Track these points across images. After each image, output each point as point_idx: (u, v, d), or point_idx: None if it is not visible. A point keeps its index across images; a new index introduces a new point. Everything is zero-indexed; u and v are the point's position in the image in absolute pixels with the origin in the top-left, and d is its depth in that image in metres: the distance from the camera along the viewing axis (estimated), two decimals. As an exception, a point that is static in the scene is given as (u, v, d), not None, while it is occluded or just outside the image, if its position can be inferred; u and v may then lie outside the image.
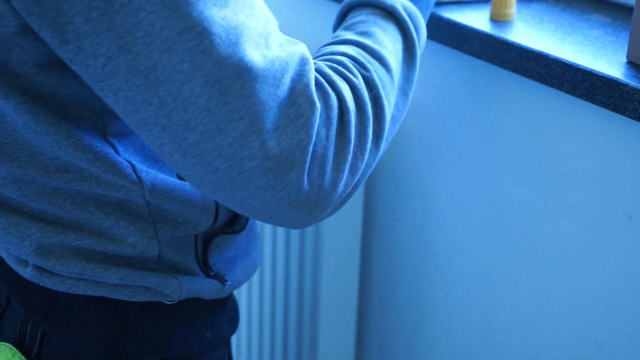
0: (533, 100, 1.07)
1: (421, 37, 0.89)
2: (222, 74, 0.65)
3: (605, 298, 1.03)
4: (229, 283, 0.88)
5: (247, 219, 0.90)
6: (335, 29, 0.92)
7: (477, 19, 1.11)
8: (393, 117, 0.83)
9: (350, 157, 0.74)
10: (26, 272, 0.81)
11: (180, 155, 0.68)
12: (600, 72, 0.93)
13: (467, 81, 1.16)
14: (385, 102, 0.79)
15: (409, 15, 0.88)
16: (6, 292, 0.86)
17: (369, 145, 0.76)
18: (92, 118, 0.74)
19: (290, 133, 0.69)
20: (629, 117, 0.91)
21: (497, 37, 1.05)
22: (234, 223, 0.89)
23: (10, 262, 0.83)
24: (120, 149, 0.76)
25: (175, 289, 0.82)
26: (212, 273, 0.87)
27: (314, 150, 0.71)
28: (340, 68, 0.77)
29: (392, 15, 0.87)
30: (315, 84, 0.73)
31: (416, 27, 0.88)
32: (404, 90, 0.85)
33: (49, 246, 0.78)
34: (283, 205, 0.71)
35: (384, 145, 0.79)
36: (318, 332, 1.40)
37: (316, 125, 0.70)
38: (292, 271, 1.42)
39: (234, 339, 1.60)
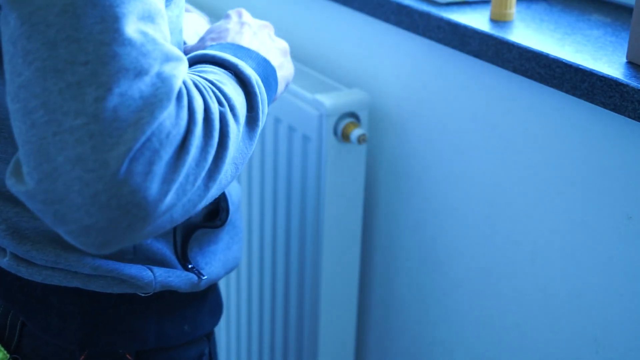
0: (533, 100, 1.07)
1: (263, 119, 0.81)
2: (85, 10, 0.59)
3: (605, 298, 1.04)
4: (205, 277, 0.88)
5: (227, 214, 0.89)
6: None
7: (477, 19, 1.11)
8: (234, 164, 0.75)
9: (183, 173, 0.64)
10: (3, 262, 0.82)
11: (11, 99, 0.61)
12: (600, 72, 0.93)
13: (467, 81, 1.16)
14: (230, 146, 0.70)
15: (260, 93, 0.80)
16: None
17: (202, 175, 0.67)
18: None
19: (133, 107, 0.60)
20: (629, 117, 0.91)
21: (497, 37, 1.05)
22: (214, 217, 0.89)
23: None
24: None
25: (149, 282, 0.83)
26: (189, 266, 0.87)
27: (149, 140, 0.61)
28: (202, 85, 0.71)
29: (244, 86, 0.78)
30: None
31: (262, 107, 0.80)
32: (250, 136, 0.77)
33: (25, 230, 0.79)
34: (86, 197, 0.60)
35: (213, 190, 0.70)
36: (318, 332, 1.40)
37: (164, 115, 0.62)
38: (292, 271, 1.42)
39: (233, 338, 1.60)
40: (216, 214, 0.90)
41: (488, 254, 1.19)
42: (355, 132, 1.25)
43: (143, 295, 0.85)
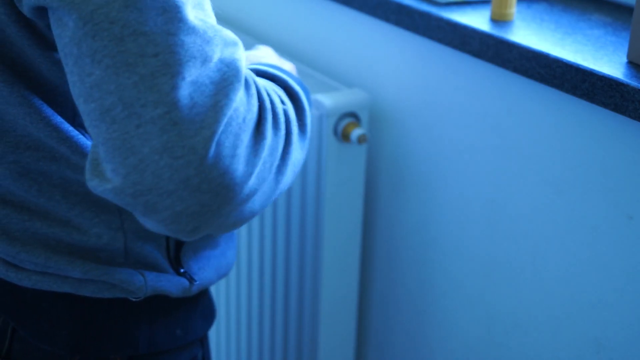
0: (533, 100, 1.07)
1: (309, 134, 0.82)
2: (146, 3, 0.59)
3: (605, 298, 1.03)
4: (197, 282, 0.88)
5: None
6: None
7: (477, 19, 1.11)
8: (294, 164, 0.75)
9: (262, 155, 0.65)
10: None
11: (84, 100, 0.61)
12: (600, 72, 0.93)
13: (467, 81, 1.16)
14: (293, 143, 0.71)
15: (309, 111, 0.82)
16: None
17: (274, 167, 0.68)
18: (63, 102, 0.74)
19: (207, 92, 0.61)
20: (629, 117, 0.91)
21: (497, 37, 1.05)
22: None
23: None
24: (88, 136, 0.76)
25: (140, 286, 0.82)
26: (182, 270, 0.86)
27: (229, 124, 0.62)
28: (267, 85, 0.72)
29: (294, 101, 0.79)
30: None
31: (309, 125, 0.81)
32: (294, 166, 0.76)
33: (15, 232, 0.79)
34: (176, 182, 0.60)
35: (282, 185, 0.71)
36: (318, 332, 1.40)
37: (237, 98, 0.63)
38: (292, 271, 1.42)
39: (233, 339, 1.60)
40: None
41: (488, 254, 1.19)
42: (355, 132, 1.25)
43: (134, 300, 0.84)
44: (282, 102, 0.72)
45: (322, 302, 1.37)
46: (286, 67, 0.92)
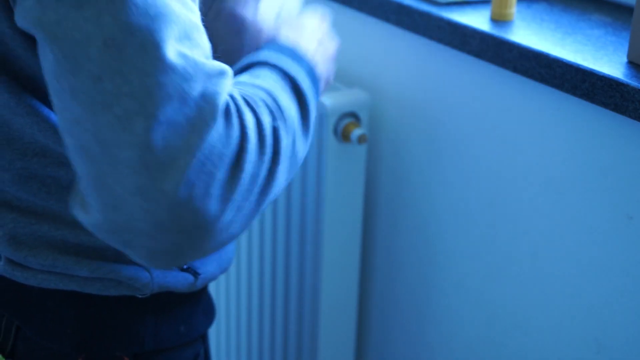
0: (533, 100, 1.07)
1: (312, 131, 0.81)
2: (125, 41, 0.60)
3: (605, 298, 1.03)
4: (201, 276, 0.88)
5: None
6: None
7: (477, 19, 1.11)
8: (279, 183, 0.74)
9: (238, 190, 0.65)
10: None
11: (64, 133, 0.63)
12: (600, 72, 0.93)
13: (467, 81, 1.16)
14: (282, 162, 0.70)
15: (314, 109, 0.80)
16: None
17: (256, 191, 0.67)
18: None
19: (182, 132, 0.61)
20: (630, 117, 0.91)
21: (497, 37, 1.05)
22: None
23: None
24: None
25: (147, 283, 0.82)
26: (185, 266, 0.87)
27: (204, 164, 0.62)
28: (253, 102, 0.70)
29: (299, 98, 0.77)
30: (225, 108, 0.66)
31: (312, 123, 0.80)
32: (290, 169, 0.76)
33: (22, 237, 0.78)
34: (149, 223, 0.61)
35: (266, 203, 0.70)
36: (318, 332, 1.40)
37: (212, 134, 0.62)
38: (292, 271, 1.42)
39: (233, 339, 1.60)
40: None
41: (488, 253, 1.19)
42: (355, 132, 1.25)
43: (140, 297, 0.85)
44: (273, 117, 0.70)
45: (322, 302, 1.37)
46: (320, 50, 0.86)
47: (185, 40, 0.63)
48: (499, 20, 1.11)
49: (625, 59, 0.98)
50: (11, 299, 0.84)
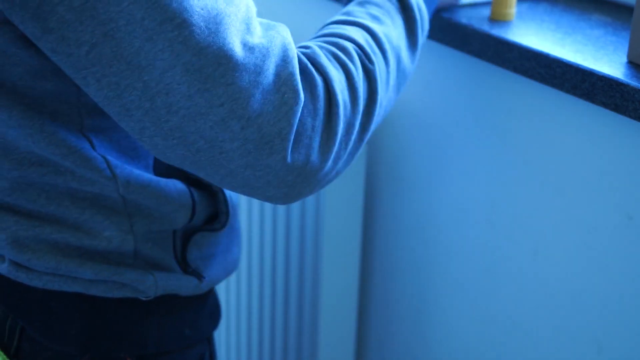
0: (533, 100, 1.07)
1: (423, 39, 0.91)
2: (202, 63, 0.66)
3: (605, 298, 1.03)
4: (206, 280, 0.88)
5: (227, 218, 0.89)
6: (345, 2, 0.94)
7: (477, 19, 1.11)
8: (384, 110, 0.83)
9: (335, 148, 0.74)
10: (2, 268, 0.82)
11: (161, 138, 0.69)
12: (600, 72, 0.93)
13: (467, 81, 1.16)
14: (379, 99, 0.79)
15: (421, 17, 0.89)
16: None
17: (354, 137, 0.76)
18: (68, 111, 0.74)
19: (272, 121, 0.69)
20: (630, 117, 0.91)
21: (497, 37, 1.05)
22: (213, 221, 0.89)
23: None
24: (96, 143, 0.77)
25: (151, 285, 0.82)
26: (189, 270, 0.87)
27: (298, 140, 0.71)
28: (342, 54, 0.77)
29: (405, 11, 0.87)
30: (305, 71, 0.73)
31: (422, 30, 0.89)
32: (397, 88, 0.86)
33: (25, 239, 0.78)
34: (262, 183, 0.72)
35: (367, 137, 0.80)
36: (318, 332, 1.40)
37: (299, 114, 0.70)
38: (292, 271, 1.42)
39: (233, 339, 1.60)
40: (215, 217, 0.89)
41: (488, 254, 1.19)
42: (355, 132, 1.25)
43: (144, 299, 0.85)
44: (369, 59, 0.79)
45: (322, 302, 1.37)
46: None
47: (245, 32, 0.69)
48: (499, 20, 1.11)
49: (625, 59, 0.98)
50: (16, 300, 0.84)
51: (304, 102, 0.71)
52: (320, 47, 0.78)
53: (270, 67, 0.69)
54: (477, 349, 1.25)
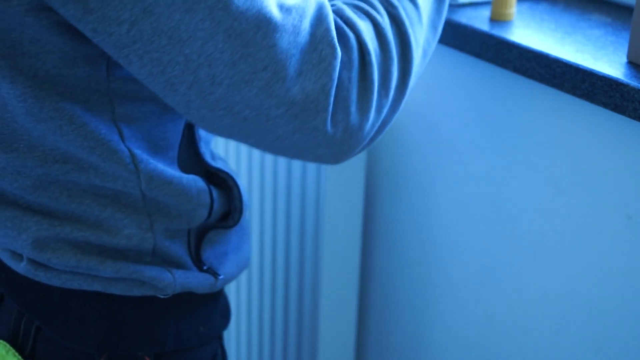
0: (533, 100, 1.07)
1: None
2: (242, 27, 0.67)
3: (605, 298, 1.03)
4: (221, 277, 0.88)
5: (240, 215, 0.90)
6: None
7: (477, 19, 1.11)
8: (424, 51, 0.83)
9: (374, 97, 0.75)
10: (20, 267, 0.81)
11: (208, 110, 0.70)
12: (600, 72, 0.93)
13: (467, 81, 1.16)
14: (412, 39, 0.79)
15: None
16: (0, 289, 0.87)
17: (394, 84, 0.77)
18: (100, 100, 0.75)
19: (313, 78, 0.71)
20: (629, 117, 0.91)
21: (497, 37, 1.05)
22: (227, 218, 0.89)
23: (4, 258, 0.83)
24: (126, 134, 0.77)
25: (169, 283, 0.83)
26: (205, 267, 0.87)
27: (337, 94, 0.72)
28: (365, 6, 0.78)
29: None
30: (336, 26, 0.74)
31: None
32: (434, 24, 0.85)
33: (45, 239, 0.78)
34: (311, 145, 0.74)
35: (412, 80, 0.80)
36: (318, 332, 1.40)
37: (338, 68, 0.72)
38: (292, 271, 1.42)
39: (233, 339, 1.60)
40: (228, 214, 0.90)
41: (488, 254, 1.19)
42: (355, 132, 1.25)
43: (162, 297, 0.85)
44: (392, 5, 0.79)
45: (322, 302, 1.37)
46: None
47: None
48: (499, 20, 1.11)
49: (625, 59, 0.98)
50: (33, 299, 0.84)
51: (340, 57, 0.72)
52: (344, 1, 0.79)
53: (307, 26, 0.70)
54: (477, 349, 1.25)
